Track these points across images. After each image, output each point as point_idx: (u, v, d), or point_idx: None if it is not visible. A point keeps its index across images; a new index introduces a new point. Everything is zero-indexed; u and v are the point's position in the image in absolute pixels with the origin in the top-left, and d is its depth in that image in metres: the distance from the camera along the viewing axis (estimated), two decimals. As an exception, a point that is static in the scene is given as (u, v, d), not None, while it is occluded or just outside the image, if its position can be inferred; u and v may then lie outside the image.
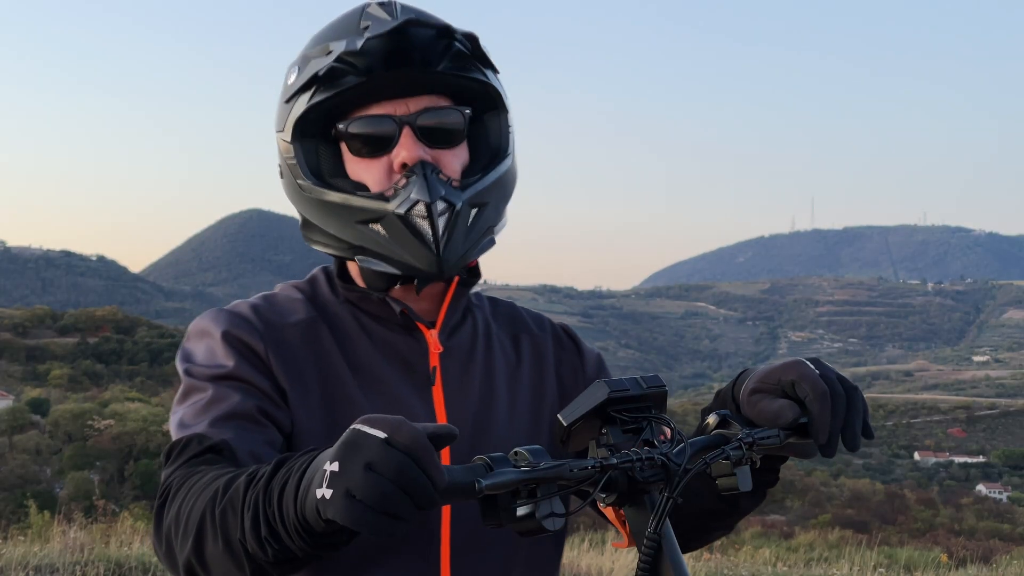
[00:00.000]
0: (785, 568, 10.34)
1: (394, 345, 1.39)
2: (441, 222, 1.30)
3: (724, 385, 1.25)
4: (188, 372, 1.33)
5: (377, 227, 1.32)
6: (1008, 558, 12.02)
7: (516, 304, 1.58)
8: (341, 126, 1.34)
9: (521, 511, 0.98)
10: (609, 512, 1.14)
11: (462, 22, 1.39)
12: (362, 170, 1.35)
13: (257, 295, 1.44)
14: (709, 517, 1.36)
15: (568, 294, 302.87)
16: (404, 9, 1.34)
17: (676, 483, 1.04)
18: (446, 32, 1.31)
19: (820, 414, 1.11)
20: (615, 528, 1.17)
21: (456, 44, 1.32)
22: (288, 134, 1.36)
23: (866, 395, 1.14)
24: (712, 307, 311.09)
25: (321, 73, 1.30)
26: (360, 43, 1.28)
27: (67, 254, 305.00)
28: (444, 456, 1.33)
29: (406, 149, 1.32)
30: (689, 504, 1.28)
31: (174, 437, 1.27)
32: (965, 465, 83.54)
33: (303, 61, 1.35)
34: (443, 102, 1.36)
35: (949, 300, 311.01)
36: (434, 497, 0.92)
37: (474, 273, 1.46)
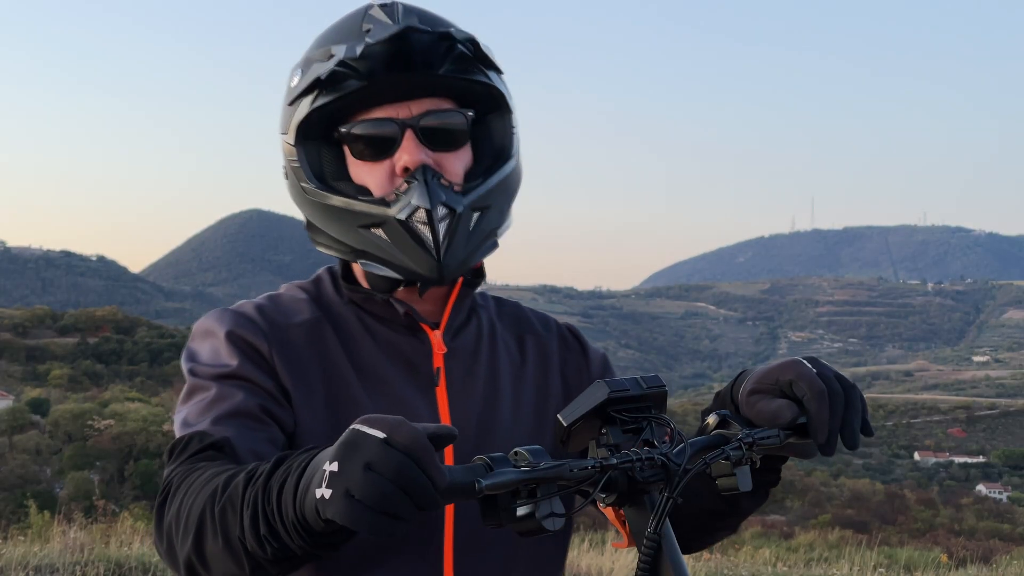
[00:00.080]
0: (785, 568, 10.34)
1: (398, 346, 1.39)
2: (442, 228, 1.29)
3: (724, 386, 1.25)
4: (192, 371, 1.33)
5: (379, 232, 1.31)
6: (1008, 558, 12.02)
7: (521, 304, 1.57)
8: (344, 129, 1.34)
9: (521, 511, 0.98)
10: (609, 512, 1.14)
11: (462, 21, 1.39)
12: (365, 173, 1.34)
13: (262, 295, 1.44)
14: (711, 517, 1.36)
15: (568, 294, 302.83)
16: (406, 11, 1.33)
17: (676, 483, 1.04)
18: (447, 36, 1.30)
19: (818, 413, 1.11)
20: (615, 528, 1.16)
21: (458, 47, 1.31)
22: (291, 137, 1.35)
23: (866, 395, 1.14)
24: (712, 307, 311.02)
25: (323, 77, 1.30)
26: (360, 49, 1.27)
27: (67, 254, 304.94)
28: (448, 457, 1.33)
29: (408, 153, 1.31)
30: (689, 504, 1.27)
31: (177, 435, 1.27)
32: (965, 465, 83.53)
33: (306, 64, 1.35)
34: (446, 104, 1.35)
35: (949, 300, 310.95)
36: (435, 497, 0.92)
37: (478, 274, 1.45)
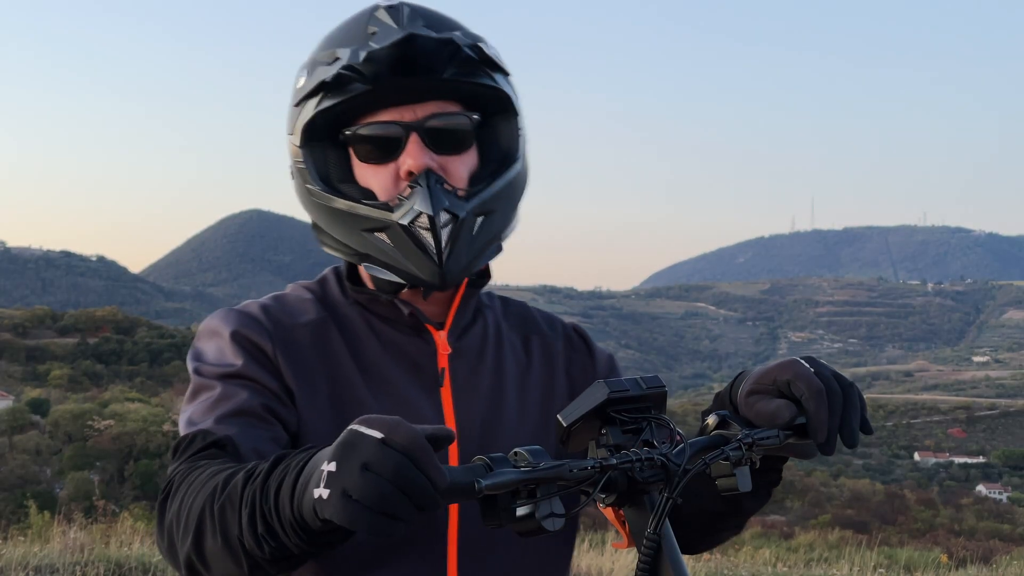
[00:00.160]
0: (785, 568, 10.33)
1: (403, 346, 1.39)
2: (444, 233, 1.29)
3: (723, 386, 1.25)
4: (197, 371, 1.34)
5: (382, 236, 1.31)
6: (1008, 558, 12.00)
7: (528, 304, 1.57)
8: (349, 131, 1.34)
9: (521, 511, 0.98)
10: (609, 512, 1.14)
11: (463, 19, 1.39)
12: (370, 176, 1.34)
13: (268, 295, 1.44)
14: (714, 518, 1.36)
15: (568, 294, 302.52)
16: (413, 13, 1.32)
17: (676, 483, 1.04)
18: (450, 41, 1.29)
19: (817, 412, 1.11)
20: (615, 528, 1.16)
21: (463, 51, 1.30)
22: (297, 138, 1.35)
23: (866, 396, 1.14)
24: (712, 307, 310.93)
25: (328, 80, 1.30)
26: (363, 54, 1.27)
27: (67, 254, 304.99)
28: (452, 457, 1.33)
29: (412, 157, 1.31)
30: (690, 505, 1.27)
31: (181, 434, 1.28)
32: (965, 465, 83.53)
33: (311, 66, 1.34)
34: (451, 107, 1.34)
35: (949, 300, 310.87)
36: (434, 497, 0.92)
37: (484, 274, 1.45)
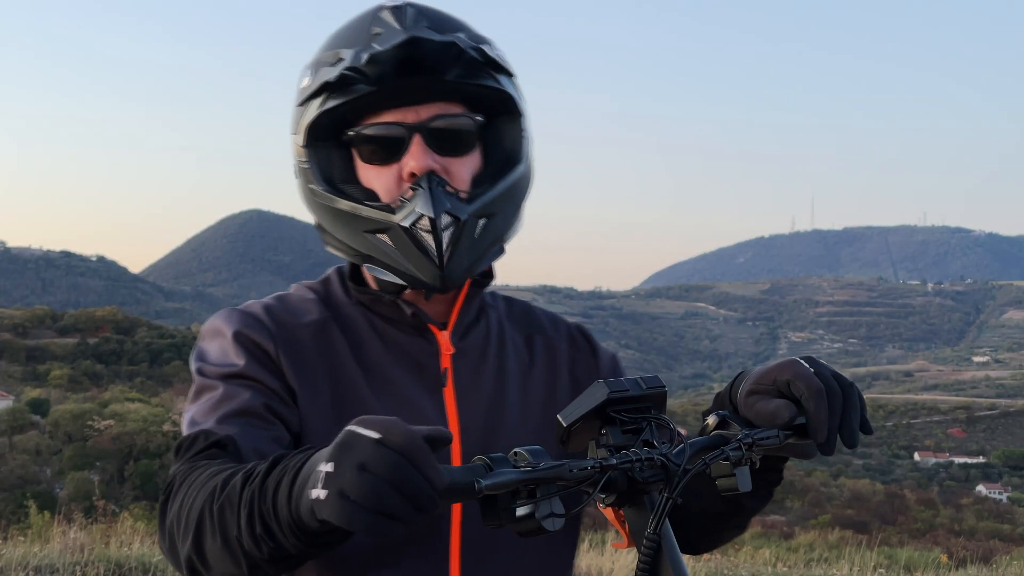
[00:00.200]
0: (785, 568, 10.33)
1: (405, 347, 1.39)
2: (446, 236, 1.29)
3: (723, 387, 1.25)
4: (200, 371, 1.34)
5: (384, 238, 1.32)
6: (1008, 558, 12.00)
7: (532, 305, 1.57)
8: (352, 132, 1.34)
9: (521, 511, 0.98)
10: (609, 512, 1.13)
11: (464, 18, 1.38)
12: (373, 177, 1.34)
13: (272, 295, 1.44)
14: (716, 518, 1.36)
15: (568, 294, 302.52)
16: (417, 14, 1.31)
17: (675, 483, 1.04)
18: (454, 44, 1.29)
19: (816, 412, 1.11)
20: (615, 528, 1.16)
21: (466, 53, 1.30)
22: (301, 138, 1.35)
23: (866, 396, 1.13)
24: (712, 307, 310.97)
25: (331, 81, 1.30)
26: (365, 56, 1.27)
27: (67, 254, 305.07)
28: (455, 457, 1.34)
29: (415, 158, 1.31)
30: (691, 505, 1.27)
31: (184, 434, 1.28)
32: (965, 465, 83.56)
33: (316, 66, 1.34)
34: (455, 109, 1.34)
35: (949, 300, 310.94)
36: (432, 497, 0.91)
37: (487, 274, 1.45)
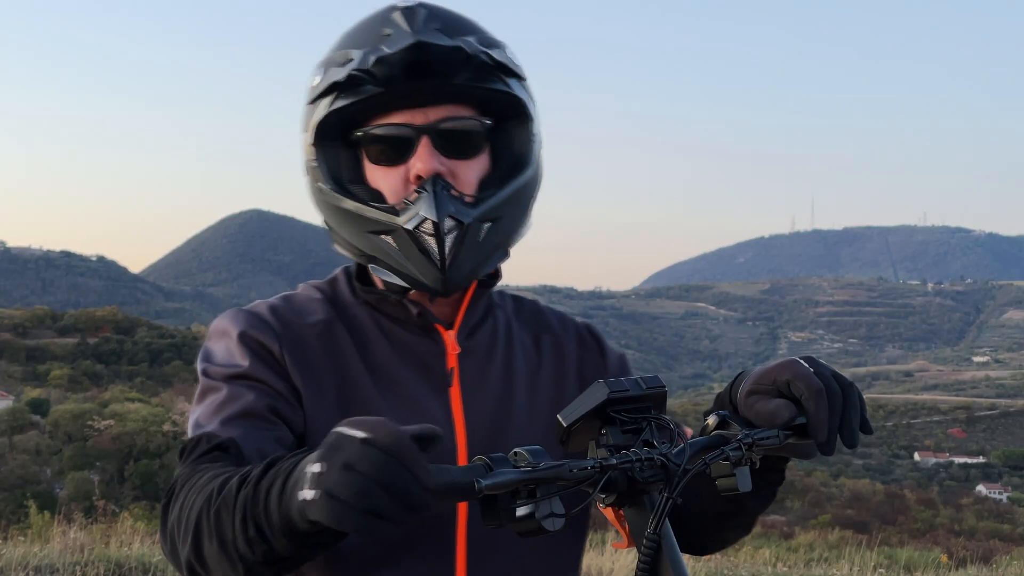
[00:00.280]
0: (785, 568, 10.33)
1: (412, 346, 1.39)
2: (449, 240, 1.29)
3: (723, 387, 1.25)
4: (205, 372, 1.34)
5: (388, 239, 1.32)
6: (1008, 558, 12.00)
7: (541, 304, 1.57)
8: (360, 132, 1.34)
9: (521, 511, 0.98)
10: (609, 512, 1.13)
11: (471, 16, 1.38)
12: (380, 177, 1.34)
13: (278, 295, 1.44)
14: (718, 519, 1.36)
15: (568, 294, 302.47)
16: (429, 16, 1.31)
17: (675, 483, 1.04)
18: (461, 49, 1.29)
19: (816, 412, 1.11)
20: (615, 528, 1.16)
21: (475, 57, 1.30)
22: (311, 136, 1.36)
23: (866, 396, 1.13)
24: (712, 307, 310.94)
25: (341, 81, 1.30)
26: (373, 58, 1.28)
27: (67, 254, 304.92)
28: (461, 457, 1.34)
29: (421, 160, 1.31)
30: (690, 505, 1.27)
31: (189, 436, 1.28)
32: (965, 465, 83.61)
33: (326, 65, 1.34)
34: (464, 112, 1.34)
35: (949, 300, 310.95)
36: (421, 496, 0.91)
37: (494, 274, 1.45)
